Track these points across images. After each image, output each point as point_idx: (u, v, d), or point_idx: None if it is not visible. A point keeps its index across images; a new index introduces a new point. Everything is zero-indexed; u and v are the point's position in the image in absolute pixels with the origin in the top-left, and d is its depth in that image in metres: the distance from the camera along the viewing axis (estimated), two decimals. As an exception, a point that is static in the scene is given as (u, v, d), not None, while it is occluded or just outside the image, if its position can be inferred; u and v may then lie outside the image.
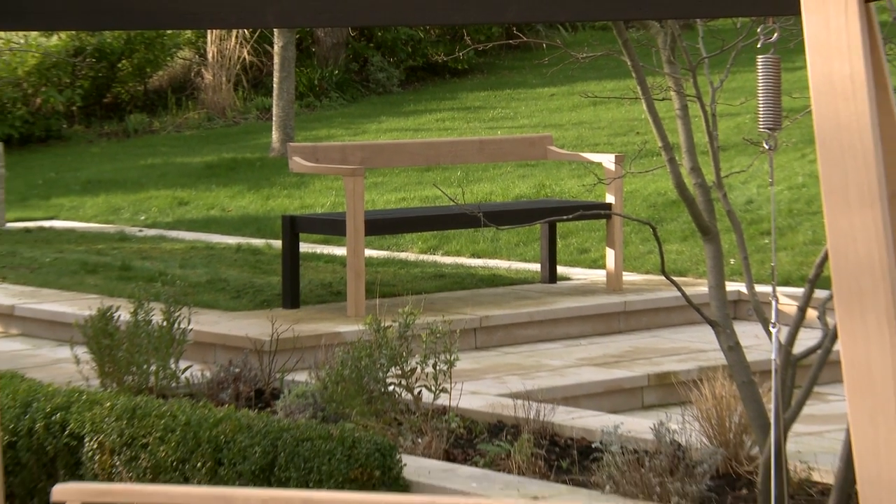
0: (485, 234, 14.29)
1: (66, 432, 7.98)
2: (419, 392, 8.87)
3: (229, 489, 4.83)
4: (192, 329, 9.70)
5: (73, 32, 23.29)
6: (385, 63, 25.40)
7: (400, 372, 8.83)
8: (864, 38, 3.86)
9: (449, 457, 8.17)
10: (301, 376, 9.55)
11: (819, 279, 7.06)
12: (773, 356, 4.29)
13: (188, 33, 24.72)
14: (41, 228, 16.80)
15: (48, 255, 14.37)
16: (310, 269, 12.88)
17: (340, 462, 7.24)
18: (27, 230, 16.59)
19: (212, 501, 4.85)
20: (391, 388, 8.80)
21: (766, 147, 4.15)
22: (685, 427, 8.01)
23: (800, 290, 7.53)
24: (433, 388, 8.83)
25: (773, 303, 4.24)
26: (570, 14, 4.19)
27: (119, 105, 24.64)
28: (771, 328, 4.30)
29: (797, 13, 3.91)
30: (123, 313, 9.53)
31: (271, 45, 22.16)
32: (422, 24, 5.85)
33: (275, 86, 21.13)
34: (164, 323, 9.40)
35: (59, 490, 4.82)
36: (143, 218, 17.37)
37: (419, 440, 8.29)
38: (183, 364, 9.55)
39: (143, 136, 23.52)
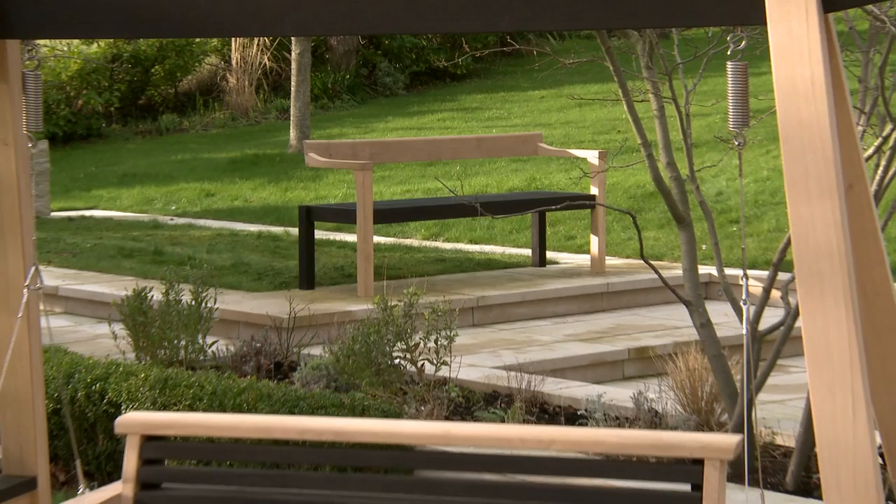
0: (481, 222, 14.28)
1: (104, 400, 8.00)
2: (422, 365, 8.88)
3: (270, 418, 4.84)
4: (217, 308, 9.70)
5: (111, 41, 23.29)
6: (391, 68, 25.38)
7: (405, 346, 8.85)
8: (824, 45, 3.87)
9: (450, 420, 8.18)
10: (316, 350, 9.55)
11: (782, 263, 7.07)
12: (744, 331, 4.29)
13: (214, 41, 24.69)
14: (82, 217, 16.81)
15: (89, 241, 14.37)
16: (324, 254, 12.88)
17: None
18: (70, 219, 16.59)
19: (255, 431, 4.87)
20: (397, 361, 8.81)
21: (736, 144, 4.16)
22: (661, 396, 8.02)
23: (765, 273, 7.54)
24: (435, 361, 8.84)
25: (744, 283, 4.25)
26: (558, 24, 4.19)
27: (152, 106, 24.63)
28: (742, 304, 4.31)
29: (763, 23, 3.91)
30: (156, 293, 9.54)
31: (289, 52, 22.12)
32: (424, 32, 5.82)
33: (292, 89, 21.12)
34: (193, 302, 9.41)
35: (121, 422, 4.83)
36: (173, 208, 17.37)
37: (422, 408, 8.30)
38: (210, 339, 9.56)
39: (173, 135, 23.50)
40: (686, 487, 4.38)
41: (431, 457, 5.06)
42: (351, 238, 13.08)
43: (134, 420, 4.81)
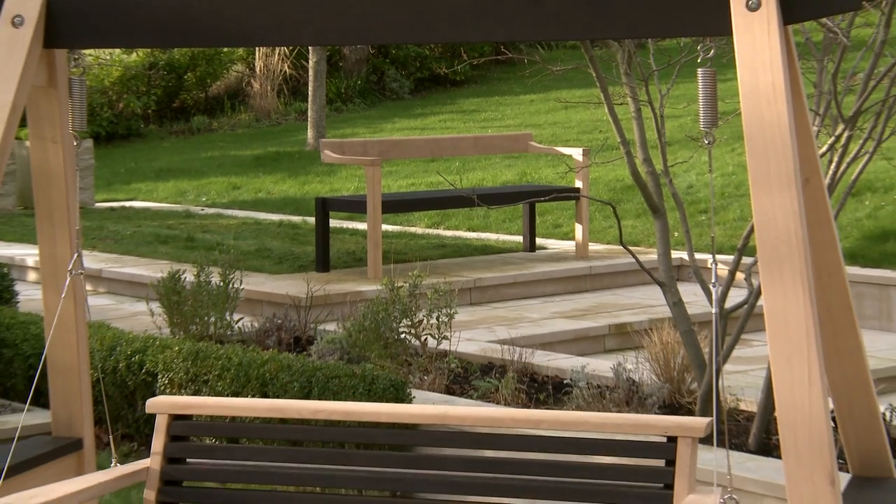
0: (478, 212, 14.27)
1: (143, 370, 8.00)
2: (425, 339, 8.88)
3: (286, 401, 4.84)
4: (243, 288, 9.71)
5: (149, 50, 23.32)
6: (398, 75, 25.37)
7: (410, 323, 8.85)
8: (784, 54, 3.86)
9: (449, 391, 8.18)
10: (331, 326, 9.56)
11: (746, 248, 7.06)
12: (712, 309, 4.29)
13: (241, 51, 24.68)
14: (123, 207, 16.80)
15: (129, 229, 14.37)
16: (337, 241, 12.87)
17: (362, 394, 7.25)
18: (112, 209, 16.59)
19: (271, 412, 4.86)
20: (403, 336, 8.81)
21: (706, 142, 4.15)
22: (638, 367, 8.02)
23: (730, 257, 7.52)
24: (436, 336, 8.85)
25: (712, 266, 4.24)
26: (546, 34, 4.18)
27: (185, 109, 24.63)
28: (710, 285, 4.31)
29: (729, 34, 3.91)
30: (188, 275, 9.54)
31: (307, 60, 22.10)
32: (427, 42, 5.83)
33: (310, 93, 21.11)
34: (221, 283, 9.41)
35: (151, 403, 4.85)
36: (204, 199, 17.37)
37: (425, 377, 8.30)
38: (236, 316, 9.57)
39: (204, 134, 23.51)
40: (661, 463, 4.40)
41: (431, 435, 5.05)
42: (362, 226, 13.07)
43: (163, 402, 4.83)
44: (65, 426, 5.16)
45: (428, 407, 5.18)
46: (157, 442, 4.79)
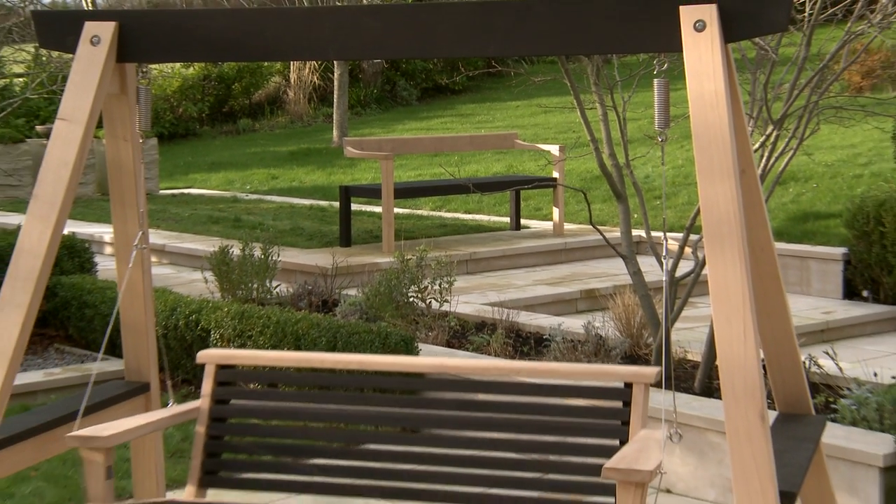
0: (473, 198, 14.27)
1: (198, 327, 8.00)
2: (429, 302, 8.89)
3: (315, 353, 4.86)
4: (280, 260, 9.72)
5: (203, 64, 23.33)
6: (407, 85, 25.35)
7: (417, 289, 8.85)
8: (725, 67, 3.85)
9: (449, 345, 8.19)
10: (352, 291, 9.57)
11: (693, 227, 7.07)
12: (664, 277, 4.29)
13: (278, 65, 24.67)
14: (182, 194, 16.81)
15: (186, 212, 14.38)
16: (358, 221, 12.88)
17: (378, 348, 7.26)
18: (173, 195, 16.60)
19: (303, 362, 4.87)
20: (411, 299, 8.82)
21: (660, 140, 4.14)
22: (604, 325, 8.04)
23: (679, 235, 7.53)
24: (439, 300, 8.86)
25: (665, 242, 4.24)
26: (529, 51, 4.18)
27: (233, 113, 24.63)
28: (663, 258, 4.31)
29: (680, 51, 3.90)
30: (235, 250, 9.56)
31: (332, 73, 22.10)
32: (430, 57, 5.82)
33: (335, 100, 21.10)
34: (262, 256, 9.42)
35: (201, 355, 4.86)
36: (248, 187, 17.36)
37: (429, 333, 8.31)
38: (274, 283, 9.58)
39: (248, 134, 23.51)
40: (619, 404, 4.43)
41: (434, 381, 5.06)
42: (377, 209, 13.07)
43: (211, 354, 4.85)
44: (135, 372, 5.17)
45: (432, 358, 5.19)
46: (206, 386, 4.80)
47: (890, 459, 5.50)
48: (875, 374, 6.86)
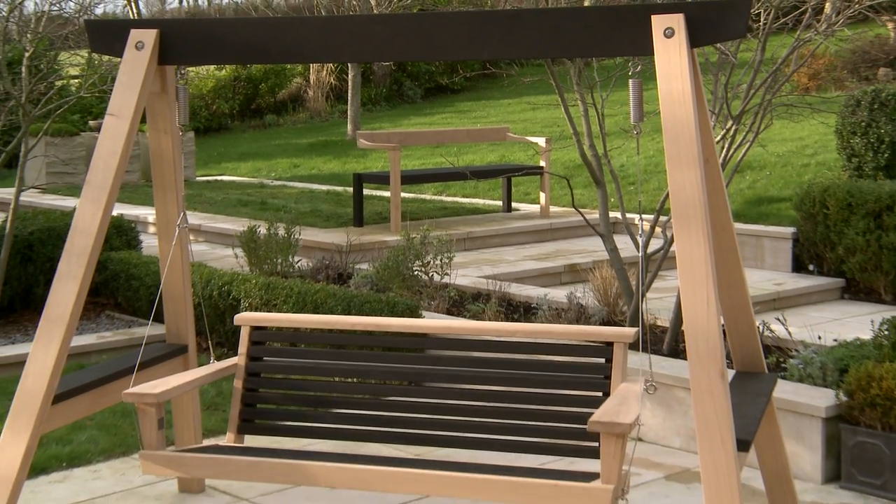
0: (470, 183, 14.25)
1: (230, 297, 8.00)
2: (431, 275, 8.88)
3: (333, 316, 4.87)
4: (301, 238, 9.71)
5: (234, 66, 23.29)
6: (412, 85, 25.27)
7: (421, 263, 8.84)
8: (691, 69, 3.85)
9: (449, 312, 8.18)
10: (364, 266, 9.56)
11: (663, 209, 7.06)
12: (639, 253, 4.30)
13: (299, 67, 24.62)
14: (215, 181, 16.76)
15: (219, 196, 14.35)
16: (369, 204, 12.85)
17: (386, 314, 7.25)
18: (207, 181, 16.56)
19: (322, 324, 4.88)
20: (415, 272, 8.81)
21: (634, 133, 4.14)
22: (585, 295, 8.03)
23: (651, 216, 7.52)
24: (440, 273, 8.85)
25: (639, 223, 4.24)
26: (519, 55, 4.17)
27: (260, 110, 24.57)
28: (638, 237, 4.31)
29: (652, 55, 3.89)
30: (262, 229, 9.54)
31: (347, 74, 22.04)
32: (432, 60, 5.80)
33: (349, 98, 21.03)
34: (285, 235, 9.41)
35: (240, 317, 4.88)
36: (273, 175, 17.32)
37: (431, 303, 8.30)
38: (296, 258, 9.57)
39: (273, 128, 23.45)
40: (602, 361, 4.44)
41: (436, 341, 5.07)
42: (386, 194, 13.06)
43: (246, 317, 4.87)
44: (175, 336, 5.18)
45: (436, 319, 5.20)
46: (242, 346, 4.83)
47: (831, 411, 5.52)
48: (819, 338, 6.88)
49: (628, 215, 7.74)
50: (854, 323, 8.46)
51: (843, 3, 7.76)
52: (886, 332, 5.75)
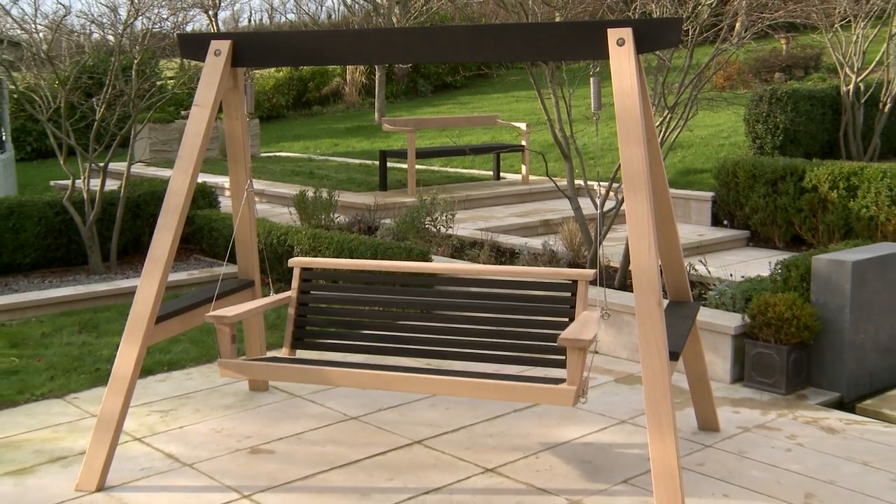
0: (468, 158, 14.16)
1: (286, 244, 7.96)
2: (439, 228, 8.83)
3: (363, 260, 4.83)
4: (339, 200, 9.66)
5: (289, 68, 23.11)
6: (425, 83, 25.05)
7: (430, 219, 8.80)
8: (637, 70, 3.78)
9: (452, 256, 8.14)
10: (387, 221, 9.51)
11: (615, 178, 7.00)
12: (597, 211, 4.25)
13: (338, 68, 24.44)
14: (275, 156, 16.65)
15: (277, 167, 14.25)
16: (391, 174, 12.78)
17: (404, 258, 7.22)
18: (268, 157, 16.44)
19: (355, 266, 4.84)
20: (427, 226, 8.77)
21: (594, 118, 4.09)
22: (555, 243, 7.98)
23: (606, 183, 7.45)
24: (445, 226, 8.80)
25: (598, 188, 4.20)
26: (505, 58, 4.11)
27: (308, 102, 24.42)
28: (596, 199, 4.26)
29: (607, 58, 3.83)
30: (310, 192, 9.48)
31: (374, 74, 21.87)
32: (439, 62, 5.73)
33: (376, 93, 20.84)
34: (327, 197, 9.35)
35: (293, 261, 4.84)
36: (318, 151, 17.21)
37: (439, 249, 8.26)
38: (336, 215, 9.51)
39: (318, 116, 23.30)
40: (567, 294, 4.41)
41: (443, 279, 5.03)
42: (404, 166, 12.99)
43: (297, 260, 4.85)
44: (244, 273, 5.15)
45: (443, 263, 5.17)
46: (294, 282, 4.80)
47: (738, 330, 5.51)
48: (731, 275, 6.85)
49: (589, 182, 7.67)
50: (756, 264, 8.43)
51: (750, 22, 7.66)
52: (780, 271, 5.73)
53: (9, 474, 4.26)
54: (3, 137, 13.92)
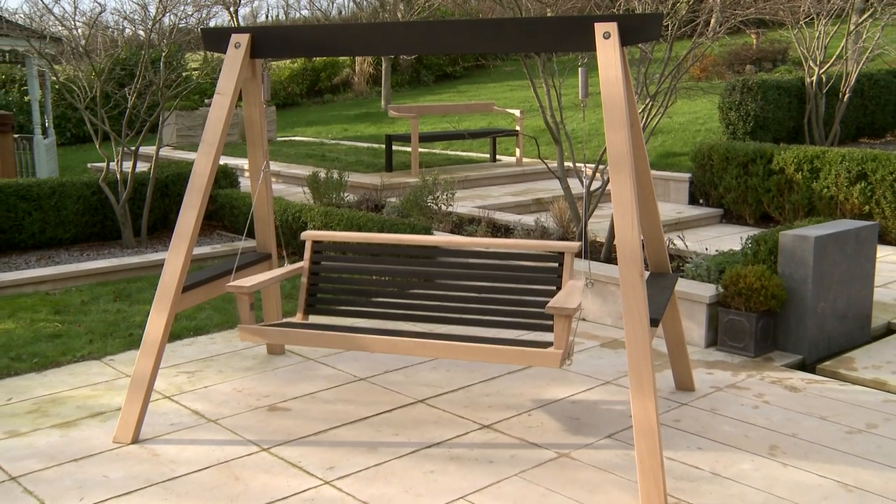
0: (467, 141, 14.08)
1: (300, 220, 7.93)
2: (440, 206, 8.79)
3: (370, 234, 4.80)
4: (348, 180, 9.61)
5: (303, 59, 22.94)
6: (427, 73, 24.88)
7: (432, 197, 8.75)
8: (622, 61, 3.73)
9: (452, 231, 8.11)
10: (393, 199, 9.46)
11: (601, 160, 6.94)
12: (584, 190, 4.22)
13: (348, 59, 24.28)
14: (290, 140, 16.55)
15: (292, 151, 14.17)
16: (396, 156, 12.72)
17: (408, 233, 7.19)
18: (284, 141, 16.34)
19: (362, 239, 4.82)
20: (429, 203, 8.73)
21: (582, 105, 4.04)
22: (547, 220, 7.95)
23: (593, 165, 7.41)
24: (446, 204, 8.76)
25: (585, 168, 4.16)
26: (500, 50, 4.06)
27: (321, 91, 24.27)
28: (584, 179, 4.23)
29: (594, 50, 3.78)
30: (322, 173, 9.44)
31: (381, 64, 21.71)
32: (440, 53, 5.65)
33: (383, 82, 20.71)
34: (337, 177, 9.29)
35: (304, 234, 4.82)
36: (329, 136, 17.13)
37: (440, 225, 8.23)
38: (345, 194, 9.47)
39: (330, 104, 23.16)
40: (555, 265, 4.38)
41: (444, 251, 5.01)
42: (408, 149, 12.93)
43: (309, 234, 4.81)
44: (262, 247, 5.13)
45: (444, 236, 5.14)
46: (307, 254, 4.77)
47: (712, 299, 5.49)
48: (706, 249, 6.83)
49: (577, 164, 7.62)
50: (729, 239, 8.40)
51: (724, 18, 7.58)
52: (750, 245, 5.70)
53: (56, 426, 4.30)
54: (47, 124, 13.88)
